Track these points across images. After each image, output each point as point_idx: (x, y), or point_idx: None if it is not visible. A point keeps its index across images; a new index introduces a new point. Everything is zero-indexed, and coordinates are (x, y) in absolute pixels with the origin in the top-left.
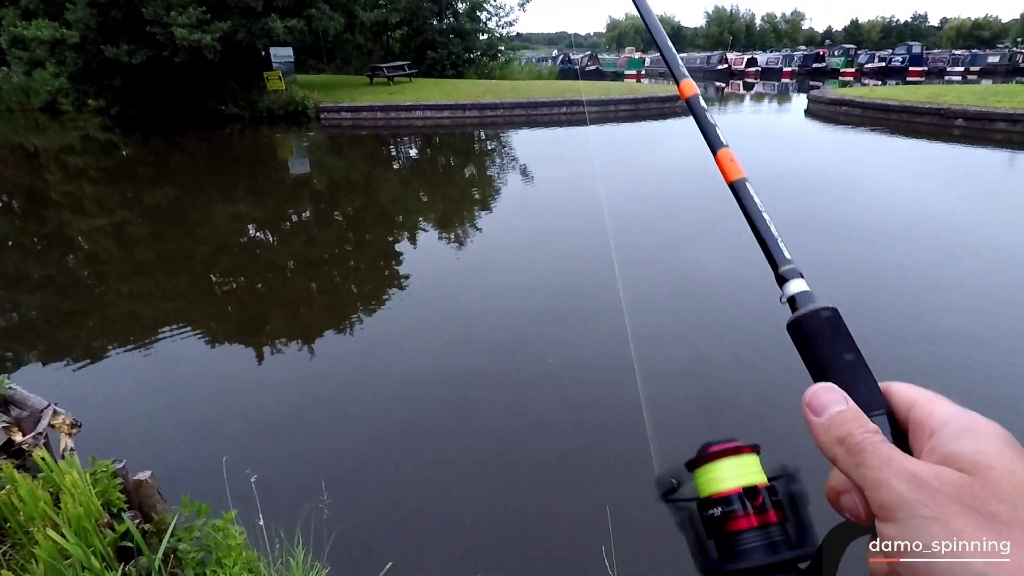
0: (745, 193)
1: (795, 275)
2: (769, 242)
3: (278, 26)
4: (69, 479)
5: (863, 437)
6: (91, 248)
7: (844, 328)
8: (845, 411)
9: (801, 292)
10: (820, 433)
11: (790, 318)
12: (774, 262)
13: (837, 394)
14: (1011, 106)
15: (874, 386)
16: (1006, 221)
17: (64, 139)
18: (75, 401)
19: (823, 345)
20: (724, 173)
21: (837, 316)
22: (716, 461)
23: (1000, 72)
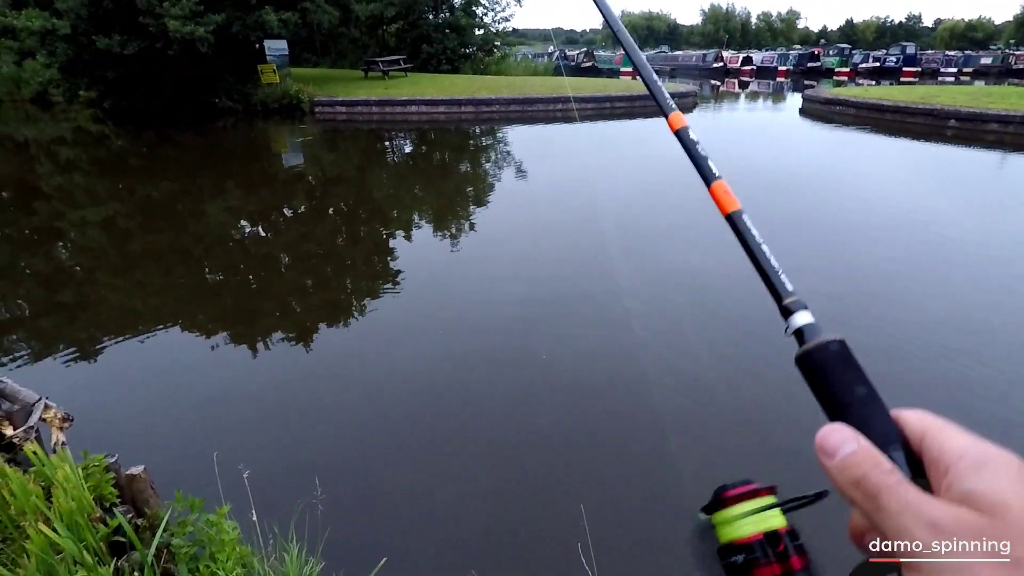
0: (743, 225)
1: (800, 307)
2: (771, 274)
3: (272, 19)
4: (61, 473)
5: (879, 479)
6: (82, 241)
7: (854, 360)
8: (858, 451)
9: (807, 324)
10: (835, 475)
11: (798, 352)
12: (777, 295)
13: (848, 433)
14: (1003, 107)
15: (886, 419)
16: (994, 220)
17: (55, 131)
18: (67, 395)
19: (833, 379)
20: (720, 206)
21: (846, 348)
22: (733, 506)
23: (993, 73)
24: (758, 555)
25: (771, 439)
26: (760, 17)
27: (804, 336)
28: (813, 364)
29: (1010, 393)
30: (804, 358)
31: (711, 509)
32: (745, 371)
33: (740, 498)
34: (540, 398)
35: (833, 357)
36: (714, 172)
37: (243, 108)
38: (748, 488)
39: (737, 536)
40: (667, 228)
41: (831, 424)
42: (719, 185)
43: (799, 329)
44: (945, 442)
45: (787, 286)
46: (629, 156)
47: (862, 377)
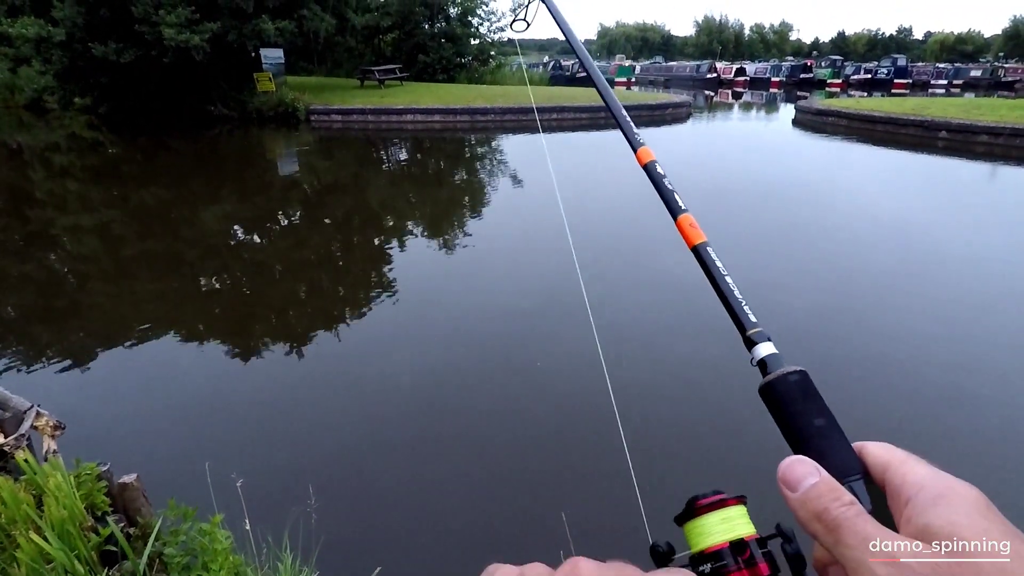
0: (708, 257)
1: (763, 338)
2: (735, 306)
3: (269, 27)
4: (52, 482)
5: (839, 512)
6: (75, 248)
7: (814, 390)
8: (819, 483)
9: (770, 355)
10: (798, 509)
11: (761, 383)
12: (741, 326)
13: (809, 466)
14: (993, 119)
15: (847, 450)
16: (983, 231)
17: (49, 137)
18: (59, 402)
19: (793, 411)
20: (686, 238)
21: (806, 379)
22: (703, 515)
23: (982, 86)
24: (726, 562)
25: (754, 449)
26: (753, 29)
27: (767, 367)
28: (774, 395)
29: (994, 402)
30: (766, 389)
31: (683, 519)
32: (730, 382)
33: (710, 507)
34: (536, 408)
35: (793, 388)
36: (680, 205)
37: (238, 116)
38: (717, 498)
39: (706, 545)
40: (658, 236)
41: (793, 456)
42: (685, 218)
43: (762, 360)
44: (907, 474)
45: (750, 317)
46: (622, 166)
47: (822, 408)
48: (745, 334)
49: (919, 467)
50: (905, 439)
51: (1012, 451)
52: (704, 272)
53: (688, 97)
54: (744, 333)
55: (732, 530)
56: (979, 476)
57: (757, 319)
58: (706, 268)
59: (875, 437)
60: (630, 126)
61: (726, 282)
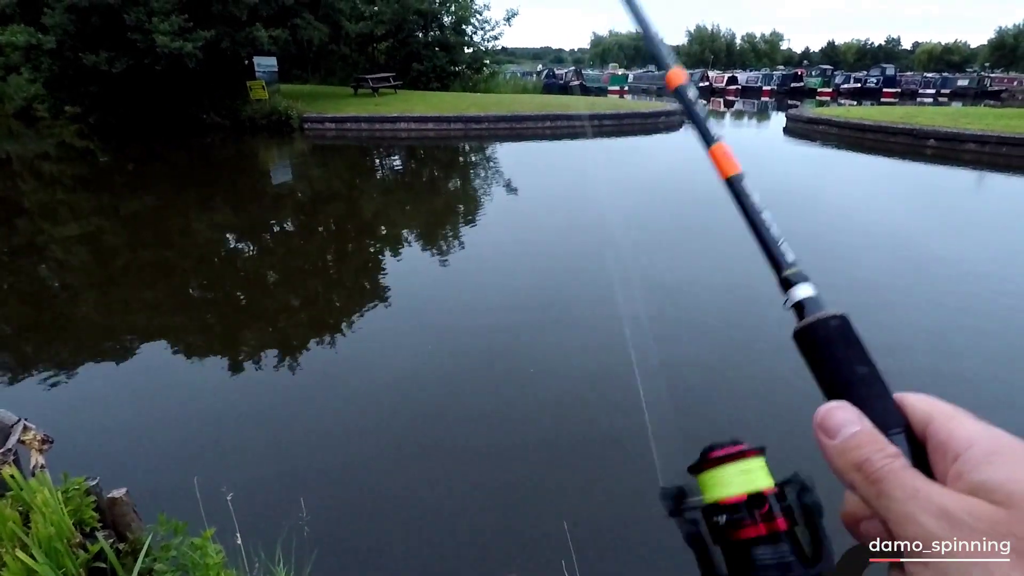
0: (742, 190)
1: (801, 279)
2: (770, 243)
3: (262, 35)
4: (40, 497)
5: (883, 463)
6: (64, 258)
7: (856, 337)
8: (860, 432)
9: (808, 298)
10: (835, 457)
11: (796, 326)
12: (777, 264)
13: (851, 413)
14: (980, 128)
15: (889, 401)
16: (970, 237)
17: (39, 146)
18: (46, 416)
19: (833, 357)
20: (720, 168)
21: (847, 324)
22: (720, 466)
23: (969, 95)
24: (742, 515)
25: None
26: (745, 38)
27: (804, 310)
28: (812, 339)
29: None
30: (803, 333)
31: (697, 469)
32: (738, 386)
33: (727, 458)
34: (530, 415)
35: (834, 333)
36: (713, 134)
37: (231, 124)
38: (736, 449)
39: (721, 496)
40: (658, 241)
41: (833, 402)
42: (719, 147)
43: (799, 302)
44: (955, 429)
45: (787, 256)
46: (616, 173)
47: (864, 356)
48: (781, 274)
49: (968, 422)
50: None
51: None
52: (738, 206)
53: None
54: (780, 273)
55: (751, 482)
56: None
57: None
58: (741, 202)
59: None
60: (662, 47)
61: (761, 218)
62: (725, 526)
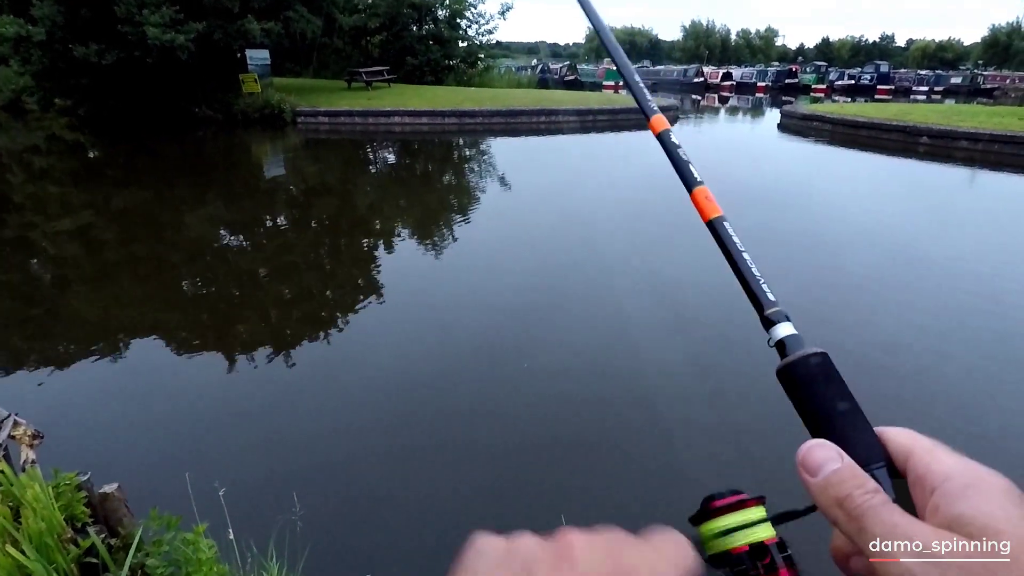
0: (724, 232)
1: (782, 318)
2: (752, 284)
3: (255, 28)
4: (30, 493)
5: (862, 500)
6: (54, 252)
7: (836, 374)
8: (841, 469)
9: (789, 336)
10: (818, 494)
11: (779, 364)
12: (759, 304)
13: (831, 451)
14: (972, 125)
15: (870, 436)
16: (963, 235)
17: (28, 139)
18: (37, 411)
19: (815, 394)
20: (701, 212)
21: (828, 361)
22: (720, 517)
23: (962, 92)
24: (745, 567)
25: (754, 450)
26: (740, 34)
27: (786, 348)
28: (794, 377)
29: (970, 402)
30: (785, 371)
31: (698, 520)
32: (730, 381)
33: (728, 509)
34: (523, 409)
35: (815, 370)
36: (696, 177)
37: (223, 118)
38: (736, 499)
39: (723, 548)
40: (648, 238)
41: (814, 440)
42: (701, 191)
43: (780, 341)
44: (932, 463)
45: (769, 296)
46: (610, 168)
47: (844, 392)
48: (763, 313)
49: (945, 455)
50: None
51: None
52: (720, 248)
53: (675, 101)
54: (762, 313)
55: (752, 533)
56: None
57: (776, 298)
58: (722, 244)
59: None
60: (643, 93)
61: (743, 258)
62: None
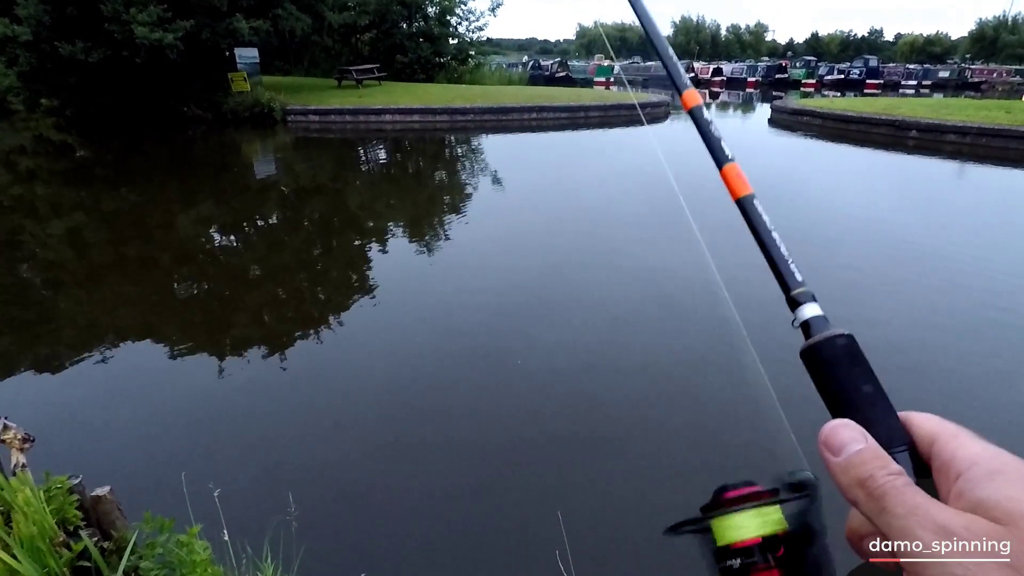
0: (753, 211)
1: (808, 299)
2: (780, 263)
3: (243, 26)
4: (21, 496)
5: (885, 480)
6: (43, 254)
7: (861, 356)
8: (864, 450)
9: (815, 317)
10: (839, 474)
11: (803, 345)
12: (785, 285)
13: (855, 431)
14: (960, 119)
15: (894, 419)
16: (950, 228)
17: (15, 140)
18: (27, 414)
19: (839, 375)
20: (731, 189)
21: (854, 343)
22: (733, 507)
23: (950, 86)
24: (756, 559)
25: (752, 446)
26: (729, 29)
27: (811, 329)
28: (819, 358)
29: (957, 393)
30: (810, 351)
31: (710, 510)
32: (725, 378)
33: (741, 500)
34: (516, 404)
35: (840, 352)
36: (727, 154)
37: (213, 117)
38: (750, 490)
39: (735, 539)
40: (642, 233)
41: (837, 420)
42: (731, 168)
43: (806, 321)
44: (958, 448)
45: (796, 276)
46: (601, 164)
47: (870, 374)
48: (789, 294)
49: (971, 442)
50: None
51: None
52: (748, 226)
53: (666, 97)
54: (788, 293)
55: (765, 525)
56: None
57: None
58: (751, 223)
59: None
60: (678, 68)
61: (772, 238)
62: (739, 570)
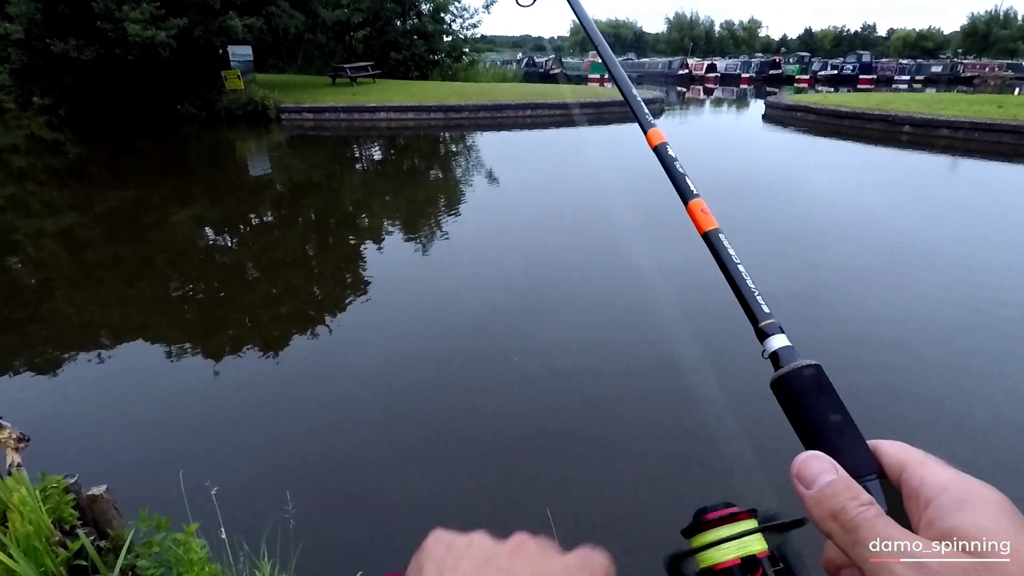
0: (719, 245)
1: (775, 330)
2: (747, 296)
3: (236, 24)
4: (17, 496)
5: (857, 512)
6: (37, 253)
7: (829, 386)
8: (835, 481)
9: (783, 348)
10: (812, 507)
11: (773, 376)
12: (753, 317)
13: (825, 462)
14: (953, 114)
15: (863, 448)
16: (943, 222)
17: (7, 139)
18: (22, 414)
19: (808, 405)
20: (697, 224)
21: (821, 373)
22: (711, 529)
23: (943, 81)
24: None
25: (746, 455)
26: (723, 25)
27: (779, 360)
28: (788, 389)
29: (944, 383)
30: (779, 383)
31: (690, 532)
32: (724, 377)
33: (720, 521)
34: (512, 404)
35: (808, 382)
36: (692, 190)
37: (206, 115)
38: (728, 511)
39: (715, 561)
40: (637, 229)
41: (808, 452)
42: (697, 203)
43: (774, 352)
44: (926, 475)
45: (763, 308)
46: (595, 161)
47: (837, 404)
48: (757, 325)
49: (939, 469)
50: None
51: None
52: (715, 260)
53: (660, 93)
54: (756, 324)
55: (743, 546)
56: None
57: (770, 310)
58: (717, 256)
59: None
60: (641, 107)
61: (739, 270)
62: None
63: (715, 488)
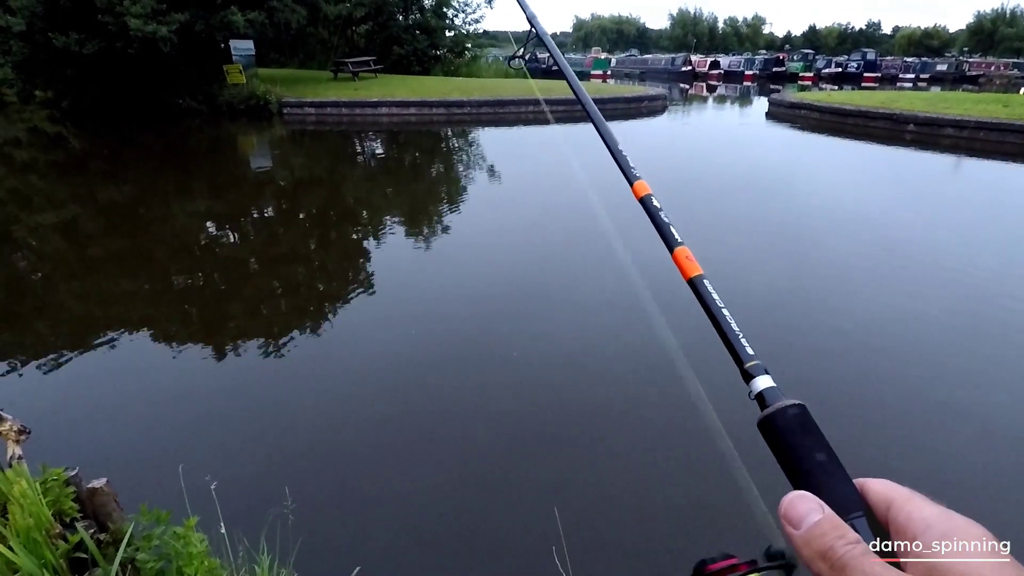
0: (704, 290)
1: (760, 371)
2: (732, 339)
3: (238, 19)
4: (17, 488)
5: (844, 551)
6: (38, 246)
7: (813, 425)
8: (822, 520)
9: (768, 388)
10: (801, 547)
11: (759, 416)
12: (739, 359)
13: (812, 502)
14: (958, 112)
15: (849, 486)
16: (946, 223)
17: (9, 131)
18: (23, 406)
19: (794, 444)
20: (682, 271)
21: (805, 412)
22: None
23: (948, 79)
24: None
25: (742, 455)
26: (727, 22)
27: (765, 400)
28: (774, 429)
29: (937, 381)
30: (765, 423)
31: None
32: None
33: (720, 573)
34: (513, 400)
35: (792, 422)
36: (676, 238)
37: (208, 109)
38: (728, 563)
39: None
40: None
41: (795, 492)
42: (681, 251)
43: (760, 393)
44: (912, 512)
45: (748, 350)
46: (596, 158)
47: (822, 442)
48: (743, 367)
49: (924, 505)
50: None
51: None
52: (700, 305)
53: (664, 90)
54: (741, 366)
55: None
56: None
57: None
58: (703, 301)
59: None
60: (626, 161)
61: (723, 315)
62: None
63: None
